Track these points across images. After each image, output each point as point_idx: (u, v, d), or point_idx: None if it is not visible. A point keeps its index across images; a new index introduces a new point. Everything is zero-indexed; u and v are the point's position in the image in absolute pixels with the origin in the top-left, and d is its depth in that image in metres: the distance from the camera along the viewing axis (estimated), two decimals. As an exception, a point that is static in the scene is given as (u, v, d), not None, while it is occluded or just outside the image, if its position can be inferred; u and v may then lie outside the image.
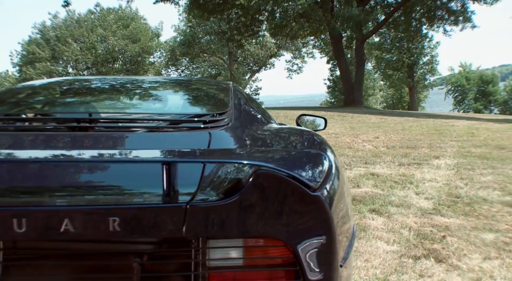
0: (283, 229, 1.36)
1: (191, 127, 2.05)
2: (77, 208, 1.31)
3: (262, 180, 1.35)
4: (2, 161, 1.46)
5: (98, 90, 2.82)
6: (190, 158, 1.45)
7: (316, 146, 1.91)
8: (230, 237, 1.38)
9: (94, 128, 2.02)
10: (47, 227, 1.27)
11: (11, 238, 1.30)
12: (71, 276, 1.42)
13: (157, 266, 1.43)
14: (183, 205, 1.30)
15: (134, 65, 49.08)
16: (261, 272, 1.42)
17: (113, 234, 1.29)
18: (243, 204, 1.33)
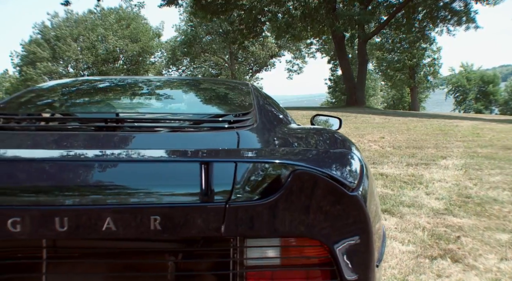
0: (321, 229, 1.37)
1: (217, 127, 2.07)
2: (119, 207, 1.33)
3: (301, 180, 1.36)
4: (44, 160, 1.47)
5: (121, 90, 2.83)
6: (229, 158, 1.46)
7: (343, 145, 1.92)
8: (268, 237, 1.38)
9: (122, 128, 2.04)
10: (89, 226, 1.28)
11: (53, 237, 1.30)
12: (111, 274, 1.43)
13: (195, 264, 1.45)
14: (223, 205, 1.32)
15: (135, 65, 49.09)
16: (298, 271, 1.42)
17: (154, 233, 1.30)
18: (282, 204, 1.33)
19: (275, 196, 1.33)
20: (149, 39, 49.53)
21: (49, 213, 1.27)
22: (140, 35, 48.32)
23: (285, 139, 2.04)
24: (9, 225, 1.26)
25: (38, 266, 1.37)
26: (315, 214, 1.36)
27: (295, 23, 24.02)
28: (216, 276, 1.43)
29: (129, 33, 47.85)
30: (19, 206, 1.32)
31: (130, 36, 47.71)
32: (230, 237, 1.37)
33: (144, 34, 48.84)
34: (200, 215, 1.31)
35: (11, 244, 1.38)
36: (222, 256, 1.41)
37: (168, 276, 1.44)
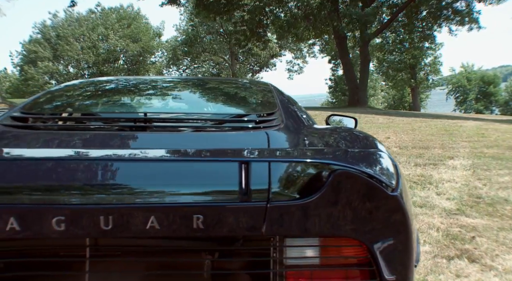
0: (361, 229, 1.38)
1: (245, 127, 2.07)
2: (163, 205, 1.34)
3: (343, 180, 1.36)
4: (88, 160, 1.48)
5: (146, 90, 2.83)
6: (269, 158, 1.47)
7: (373, 145, 1.92)
8: (308, 236, 1.39)
9: (152, 127, 2.05)
10: (133, 225, 1.29)
11: (97, 236, 1.32)
12: (153, 272, 1.45)
13: (235, 263, 1.47)
14: (264, 204, 1.33)
15: (135, 64, 49.10)
16: (336, 271, 1.43)
17: (196, 231, 1.31)
18: (323, 204, 1.34)
19: (316, 195, 1.34)
20: (150, 39, 49.60)
21: (94, 212, 1.29)
22: (140, 35, 48.35)
23: (315, 139, 2.04)
24: (54, 224, 1.27)
25: (81, 264, 1.38)
26: (356, 214, 1.37)
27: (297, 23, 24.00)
28: (256, 275, 1.45)
29: (129, 32, 47.88)
30: (64, 205, 1.33)
31: (130, 36, 47.74)
32: (270, 236, 1.38)
33: (145, 34, 48.90)
34: (241, 214, 1.32)
35: (55, 243, 1.39)
36: (262, 255, 1.43)
37: (209, 275, 1.46)
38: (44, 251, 1.41)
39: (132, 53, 48.03)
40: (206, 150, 1.47)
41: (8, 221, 1.26)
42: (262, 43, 29.07)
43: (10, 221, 1.26)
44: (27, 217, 1.27)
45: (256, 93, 2.80)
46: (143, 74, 48.79)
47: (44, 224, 1.26)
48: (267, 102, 2.53)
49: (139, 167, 1.57)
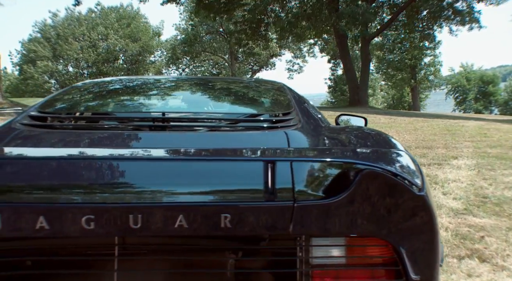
0: (388, 229, 1.38)
1: (264, 126, 2.08)
2: (192, 204, 1.34)
3: (370, 179, 1.37)
4: (116, 159, 1.49)
5: (162, 90, 2.84)
6: (295, 157, 1.47)
7: (393, 145, 1.92)
8: (334, 236, 1.40)
9: (171, 127, 2.06)
10: (162, 223, 1.30)
11: (126, 234, 1.32)
12: (180, 270, 1.47)
13: (262, 262, 1.48)
14: (291, 203, 1.33)
15: (135, 64, 49.03)
16: (362, 270, 1.43)
17: (224, 230, 1.31)
18: (350, 203, 1.34)
19: (343, 195, 1.33)
20: (149, 38, 49.56)
21: (123, 211, 1.29)
22: (140, 34, 48.30)
23: (335, 138, 2.04)
24: (83, 223, 1.27)
25: (110, 263, 1.39)
26: (383, 214, 1.37)
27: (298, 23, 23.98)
28: (282, 274, 1.45)
29: (129, 32, 47.85)
30: (93, 204, 1.34)
31: (130, 35, 47.69)
32: (297, 235, 1.38)
33: (144, 33, 48.88)
34: (268, 213, 1.32)
35: (84, 242, 1.40)
36: (288, 254, 1.43)
37: (235, 273, 1.47)
38: (73, 249, 1.41)
39: (131, 53, 47.97)
40: (231, 150, 1.49)
41: (38, 220, 1.26)
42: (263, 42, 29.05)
43: (39, 220, 1.26)
44: (56, 216, 1.27)
45: (270, 92, 2.81)
46: (142, 73, 48.81)
47: (74, 223, 1.27)
48: (282, 101, 2.54)
49: (166, 166, 1.58)
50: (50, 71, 46.17)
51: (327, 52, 44.55)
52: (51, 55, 46.25)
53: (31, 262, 1.40)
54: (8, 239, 1.36)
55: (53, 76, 47.50)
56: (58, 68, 47.38)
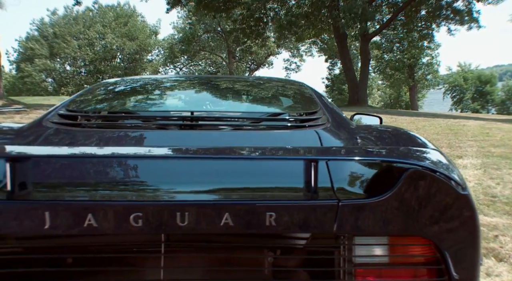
0: (432, 228, 1.38)
1: (293, 126, 2.10)
2: (238, 203, 1.35)
3: (416, 178, 1.37)
4: (162, 157, 1.47)
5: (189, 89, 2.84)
6: (340, 156, 1.48)
7: (428, 145, 1.93)
8: (378, 235, 1.40)
9: (204, 126, 2.07)
10: (208, 221, 1.31)
11: (173, 232, 1.33)
12: (225, 268, 1.48)
13: (305, 261, 1.49)
14: (335, 202, 1.33)
15: (132, 63, 48.94)
16: (405, 269, 1.44)
17: (269, 229, 1.32)
18: (395, 202, 1.35)
19: (388, 194, 1.34)
20: (146, 37, 49.43)
21: (171, 209, 1.30)
22: (137, 33, 48.20)
23: (367, 138, 2.05)
24: (131, 220, 1.28)
25: (156, 260, 1.41)
26: (427, 213, 1.38)
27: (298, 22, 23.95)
28: (325, 273, 1.45)
29: (126, 31, 47.73)
30: (142, 201, 1.35)
31: (127, 34, 47.59)
32: (341, 234, 1.39)
33: (142, 32, 48.77)
34: (313, 212, 1.33)
35: (131, 239, 1.42)
36: (331, 253, 1.44)
37: (279, 271, 1.49)
38: (120, 247, 1.43)
39: (129, 51, 47.88)
40: (274, 149, 1.49)
41: (86, 217, 1.27)
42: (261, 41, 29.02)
43: (87, 218, 1.27)
44: (104, 214, 1.28)
45: (294, 91, 2.82)
46: (139, 72, 48.79)
47: (122, 220, 1.28)
48: (307, 100, 2.54)
49: (211, 165, 1.60)
50: (47, 70, 45.99)
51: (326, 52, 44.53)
52: (49, 53, 46.07)
53: (78, 259, 1.42)
54: (56, 236, 1.37)
55: (51, 75, 47.35)
56: (55, 66, 47.23)
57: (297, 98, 2.71)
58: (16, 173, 1.32)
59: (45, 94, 40.25)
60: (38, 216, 1.26)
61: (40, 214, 1.26)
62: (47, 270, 1.37)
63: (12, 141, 1.88)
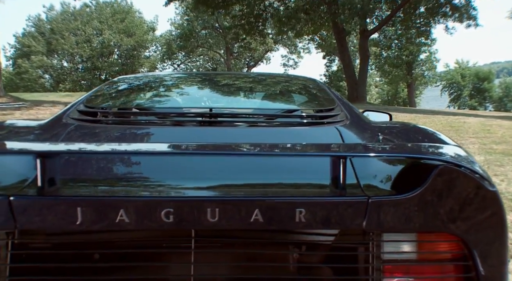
0: (461, 224, 1.38)
1: (313, 122, 2.10)
2: (268, 199, 1.36)
3: (447, 175, 1.37)
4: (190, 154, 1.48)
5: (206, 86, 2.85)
6: (368, 153, 1.47)
7: (450, 142, 1.94)
8: (407, 231, 1.40)
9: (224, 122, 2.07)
10: (238, 217, 1.32)
11: (204, 227, 1.33)
12: (256, 264, 1.48)
13: (334, 257, 1.49)
14: (365, 199, 1.34)
15: (130, 59, 48.84)
16: (432, 266, 1.44)
17: (299, 225, 1.33)
18: (424, 199, 1.35)
19: (418, 190, 1.34)
20: (144, 33, 49.31)
21: (202, 204, 1.31)
22: (134, 29, 48.08)
23: (388, 134, 2.05)
24: (163, 216, 1.29)
25: (186, 255, 1.43)
26: (456, 209, 1.38)
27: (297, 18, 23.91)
28: (353, 269, 1.46)
29: (124, 27, 47.61)
30: (173, 197, 1.37)
31: (124, 30, 47.47)
32: (370, 231, 1.39)
33: (139, 28, 48.63)
34: (343, 209, 1.34)
35: (161, 234, 1.43)
36: (359, 249, 1.45)
37: (307, 267, 1.52)
38: (151, 242, 1.45)
39: (126, 48, 47.78)
40: (302, 145, 1.50)
41: (118, 213, 1.28)
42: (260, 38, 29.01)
43: (119, 213, 1.28)
44: (136, 209, 1.29)
45: (310, 88, 2.83)
46: (137, 68, 48.75)
47: (154, 216, 1.29)
48: (324, 97, 2.55)
49: (241, 161, 1.63)
50: (44, 66, 45.85)
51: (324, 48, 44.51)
52: (46, 50, 45.91)
53: (109, 255, 1.43)
54: (87, 232, 1.38)
55: (48, 71, 47.20)
56: (52, 63, 47.09)
57: (314, 95, 2.71)
58: (48, 169, 1.32)
59: (42, 91, 40.10)
60: (70, 212, 1.27)
61: (72, 210, 1.27)
62: (79, 265, 1.39)
63: (37, 137, 1.88)
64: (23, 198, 1.29)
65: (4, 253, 1.33)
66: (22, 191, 1.37)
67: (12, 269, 1.33)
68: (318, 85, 2.79)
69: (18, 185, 1.42)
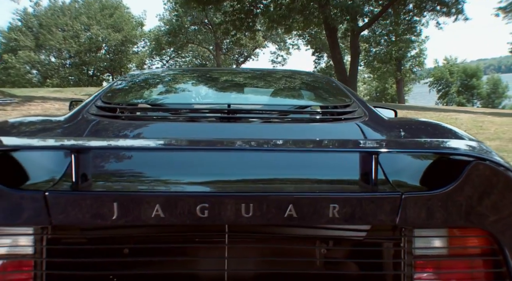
0: (492, 219, 1.40)
1: (334, 118, 2.13)
2: (302, 195, 1.37)
3: (480, 171, 1.39)
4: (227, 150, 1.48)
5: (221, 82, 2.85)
6: (400, 149, 1.48)
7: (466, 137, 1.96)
8: (439, 227, 1.42)
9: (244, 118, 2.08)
10: (272, 212, 1.32)
11: (239, 222, 1.34)
12: (289, 259, 1.51)
13: (365, 252, 1.50)
14: (398, 195, 1.35)
15: (118, 54, 48.63)
16: (463, 261, 1.46)
17: (331, 221, 1.34)
18: (457, 195, 1.36)
19: (452, 186, 1.35)
20: (132, 28, 49.08)
21: (237, 200, 1.32)
22: (123, 24, 47.86)
23: (408, 130, 2.07)
24: (198, 211, 1.30)
25: (220, 250, 1.45)
26: (488, 204, 1.39)
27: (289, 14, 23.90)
28: (386, 264, 1.49)
29: (112, 22, 47.36)
30: (209, 192, 1.39)
31: (113, 25, 47.23)
32: (403, 226, 1.40)
33: (127, 23, 48.39)
34: (376, 204, 1.35)
35: (195, 229, 1.44)
36: (391, 245, 1.47)
37: (339, 262, 1.55)
38: (186, 237, 1.46)
39: (114, 43, 47.54)
40: (333, 141, 1.51)
41: (154, 208, 1.29)
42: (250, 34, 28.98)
43: (155, 208, 1.29)
44: (172, 205, 1.30)
45: (325, 85, 2.85)
46: (125, 64, 48.64)
47: (189, 211, 1.30)
48: (340, 94, 2.57)
49: (273, 157, 1.64)
50: (32, 62, 45.46)
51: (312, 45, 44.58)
52: (34, 44, 45.49)
53: (143, 249, 1.45)
54: (124, 226, 1.41)
55: (35, 67, 46.83)
56: (40, 58, 46.71)
57: (330, 91, 2.74)
58: (82, 164, 1.33)
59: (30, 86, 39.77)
60: (106, 207, 1.28)
61: (108, 205, 1.28)
62: (113, 260, 1.42)
63: (62, 133, 1.89)
64: (59, 193, 1.30)
65: (40, 247, 1.33)
66: (57, 186, 1.38)
67: (48, 264, 1.34)
68: (333, 82, 2.82)
69: (51, 181, 1.42)
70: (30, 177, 1.45)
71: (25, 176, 1.44)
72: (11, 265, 1.34)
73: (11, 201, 1.26)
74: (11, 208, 1.26)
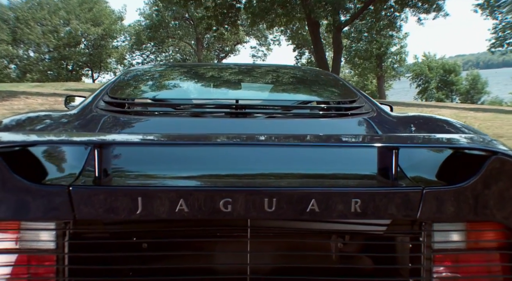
0: (510, 214, 1.41)
1: (341, 114, 2.13)
2: (324, 190, 1.38)
3: (499, 166, 1.40)
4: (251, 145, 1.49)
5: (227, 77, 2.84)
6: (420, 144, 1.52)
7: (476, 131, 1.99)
8: (458, 221, 1.45)
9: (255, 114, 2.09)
10: (295, 207, 1.34)
11: (262, 217, 1.36)
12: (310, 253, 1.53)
13: (386, 246, 1.53)
14: (419, 189, 1.37)
15: (97, 49, 48.12)
16: (481, 255, 1.49)
17: (353, 215, 1.36)
18: (477, 189, 1.38)
19: (472, 180, 1.38)
20: (112, 23, 48.57)
21: (260, 194, 1.33)
22: (102, 19, 47.34)
23: (417, 126, 2.09)
24: (221, 206, 1.31)
25: (242, 244, 1.46)
26: (507, 199, 1.41)
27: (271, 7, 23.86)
28: (406, 258, 1.50)
29: (91, 16, 46.79)
30: (232, 187, 1.40)
31: (92, 19, 46.68)
32: (423, 220, 1.42)
33: (107, 17, 47.87)
34: (398, 199, 1.37)
35: (218, 223, 1.47)
36: (411, 239, 1.48)
37: (359, 257, 1.58)
38: (209, 231, 1.48)
39: (93, 37, 47.03)
40: (353, 136, 1.57)
41: (178, 203, 1.30)
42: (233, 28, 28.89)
43: (179, 203, 1.29)
44: (197, 199, 1.31)
45: (330, 81, 2.86)
46: (105, 58, 48.19)
47: (213, 206, 1.31)
48: (346, 89, 2.57)
49: (294, 152, 1.67)
50: (9, 56, 44.70)
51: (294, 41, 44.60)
52: (10, 39, 44.69)
53: (166, 244, 1.47)
54: (148, 221, 1.43)
55: (13, 61, 46.08)
56: (18, 52, 45.96)
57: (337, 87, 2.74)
58: (105, 159, 1.34)
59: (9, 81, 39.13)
60: (130, 202, 1.28)
61: (132, 200, 1.28)
62: (136, 254, 1.44)
63: (75, 127, 1.88)
64: (83, 188, 1.30)
65: (61, 242, 1.34)
66: (79, 181, 1.38)
67: (70, 258, 1.35)
68: (337, 78, 2.84)
69: (71, 176, 1.43)
70: (49, 172, 1.44)
71: (44, 171, 1.44)
72: (34, 259, 1.34)
73: (35, 195, 1.25)
74: (34, 202, 1.26)
